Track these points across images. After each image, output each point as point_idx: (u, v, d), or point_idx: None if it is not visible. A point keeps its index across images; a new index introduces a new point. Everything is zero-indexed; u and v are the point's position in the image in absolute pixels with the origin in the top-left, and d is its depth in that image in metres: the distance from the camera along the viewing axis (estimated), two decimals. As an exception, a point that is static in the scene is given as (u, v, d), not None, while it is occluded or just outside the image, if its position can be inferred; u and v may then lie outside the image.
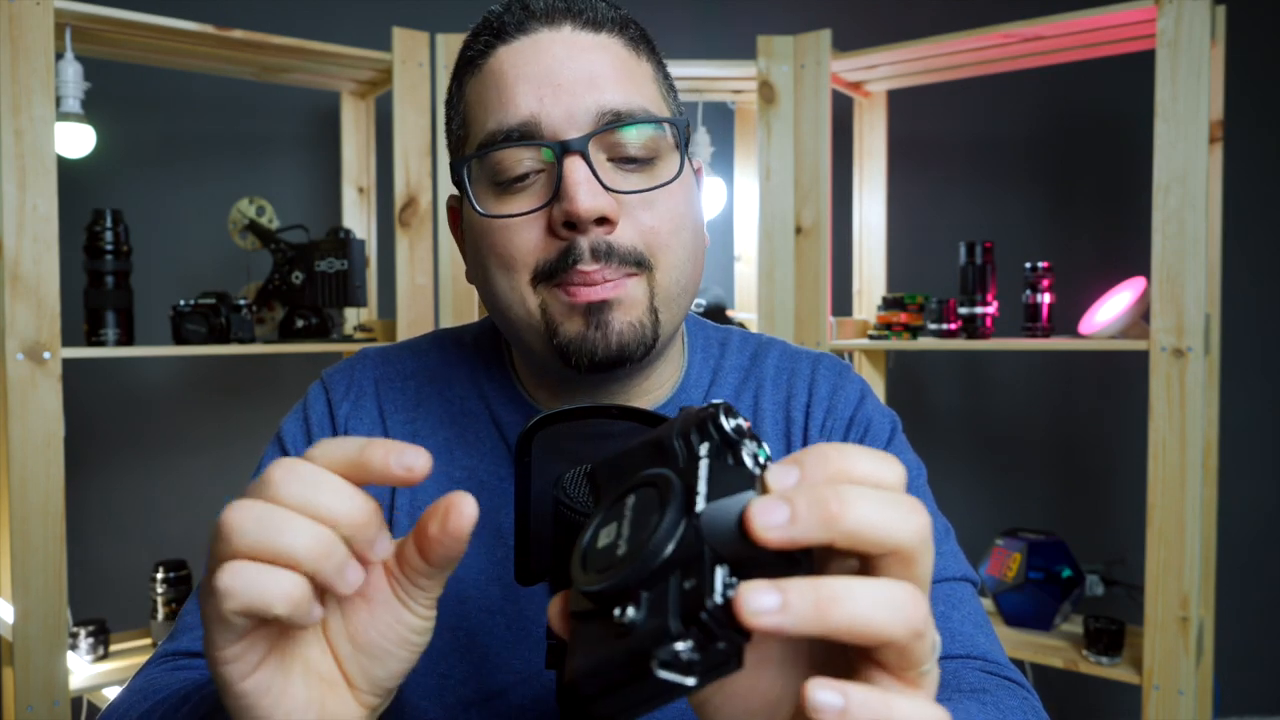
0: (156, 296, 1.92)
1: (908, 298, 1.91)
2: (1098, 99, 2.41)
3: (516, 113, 0.63)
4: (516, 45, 0.64)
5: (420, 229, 1.87)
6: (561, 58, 0.63)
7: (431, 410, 0.75)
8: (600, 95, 0.63)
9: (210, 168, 2.17)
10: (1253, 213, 2.36)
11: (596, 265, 0.62)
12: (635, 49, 0.67)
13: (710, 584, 0.32)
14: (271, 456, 0.77)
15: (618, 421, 0.56)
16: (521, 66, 0.64)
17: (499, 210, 0.64)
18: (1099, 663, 1.69)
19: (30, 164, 1.45)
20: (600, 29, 0.65)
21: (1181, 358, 1.55)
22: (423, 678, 0.69)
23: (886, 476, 0.34)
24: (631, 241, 0.63)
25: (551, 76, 0.63)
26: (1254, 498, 2.39)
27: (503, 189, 0.64)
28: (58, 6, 1.47)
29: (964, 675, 0.65)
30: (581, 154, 0.62)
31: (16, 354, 1.44)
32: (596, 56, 0.64)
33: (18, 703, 1.45)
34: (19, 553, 1.44)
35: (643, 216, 0.64)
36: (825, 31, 1.88)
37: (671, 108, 0.70)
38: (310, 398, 0.78)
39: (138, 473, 2.13)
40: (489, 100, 0.65)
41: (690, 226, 0.67)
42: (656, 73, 0.69)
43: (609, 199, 0.62)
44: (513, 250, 0.64)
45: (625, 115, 0.63)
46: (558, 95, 0.62)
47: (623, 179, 0.64)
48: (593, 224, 0.62)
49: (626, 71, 0.65)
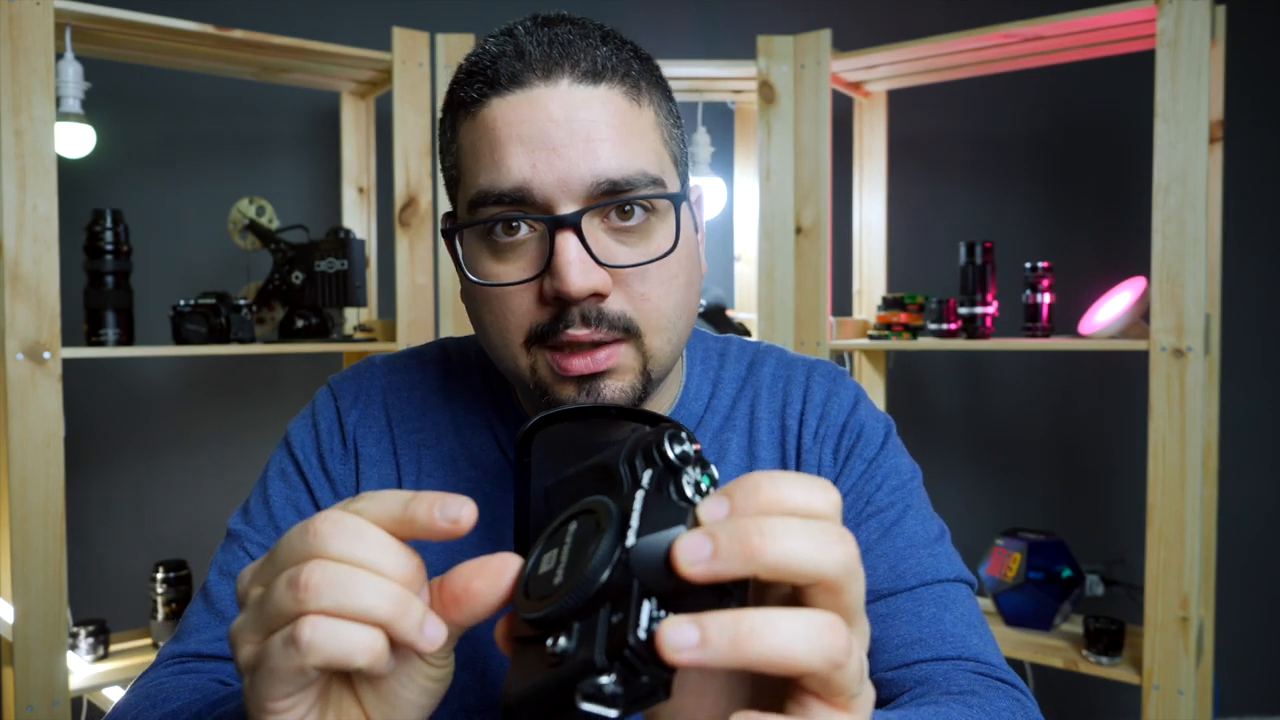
0: (156, 296, 1.92)
1: (908, 298, 1.91)
2: (1098, 99, 2.41)
3: (509, 176, 0.61)
4: (511, 99, 0.62)
5: (420, 229, 1.87)
6: (557, 118, 0.61)
7: (438, 420, 0.76)
8: (595, 163, 0.61)
9: (210, 168, 2.17)
10: (1253, 213, 2.36)
11: (586, 330, 0.62)
12: (636, 97, 0.64)
13: (635, 619, 0.33)
14: (279, 462, 0.77)
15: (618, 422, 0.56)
16: (515, 125, 0.61)
17: (491, 272, 0.64)
18: (1099, 663, 1.69)
19: (30, 164, 1.45)
20: (600, 80, 0.62)
21: (1181, 358, 1.55)
22: None
23: (819, 505, 0.35)
24: (622, 309, 0.63)
25: (546, 139, 0.60)
26: (1254, 498, 2.39)
27: (496, 248, 0.63)
28: (58, 6, 1.47)
29: (954, 678, 0.65)
30: (574, 228, 0.60)
31: (16, 354, 1.44)
32: (594, 115, 0.61)
33: (18, 703, 1.45)
34: (19, 553, 1.44)
35: (635, 285, 0.63)
36: (825, 31, 1.88)
37: (673, 151, 0.68)
38: (319, 404, 0.79)
39: (138, 473, 2.13)
40: (481, 154, 0.63)
41: (683, 285, 0.66)
42: (658, 114, 0.66)
43: (601, 275, 0.61)
44: (506, 314, 0.64)
45: (622, 184, 0.61)
46: (551, 162, 0.60)
47: (617, 248, 0.63)
48: (585, 298, 0.61)
49: (625, 129, 0.63)
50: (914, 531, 0.73)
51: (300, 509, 0.75)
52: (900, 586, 0.70)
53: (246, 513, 0.77)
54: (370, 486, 0.74)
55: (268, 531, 0.75)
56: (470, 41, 1.84)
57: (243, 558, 0.74)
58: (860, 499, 0.74)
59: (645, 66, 0.67)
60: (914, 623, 0.68)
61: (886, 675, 0.67)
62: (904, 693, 0.66)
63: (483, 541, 0.71)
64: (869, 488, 0.74)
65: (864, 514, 0.73)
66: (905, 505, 0.74)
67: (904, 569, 0.70)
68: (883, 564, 0.71)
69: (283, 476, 0.76)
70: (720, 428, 0.77)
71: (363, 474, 0.75)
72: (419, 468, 0.75)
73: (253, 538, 0.74)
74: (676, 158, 0.68)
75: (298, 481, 0.76)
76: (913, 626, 0.68)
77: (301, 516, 0.74)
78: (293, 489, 0.76)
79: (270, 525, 0.75)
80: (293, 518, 0.74)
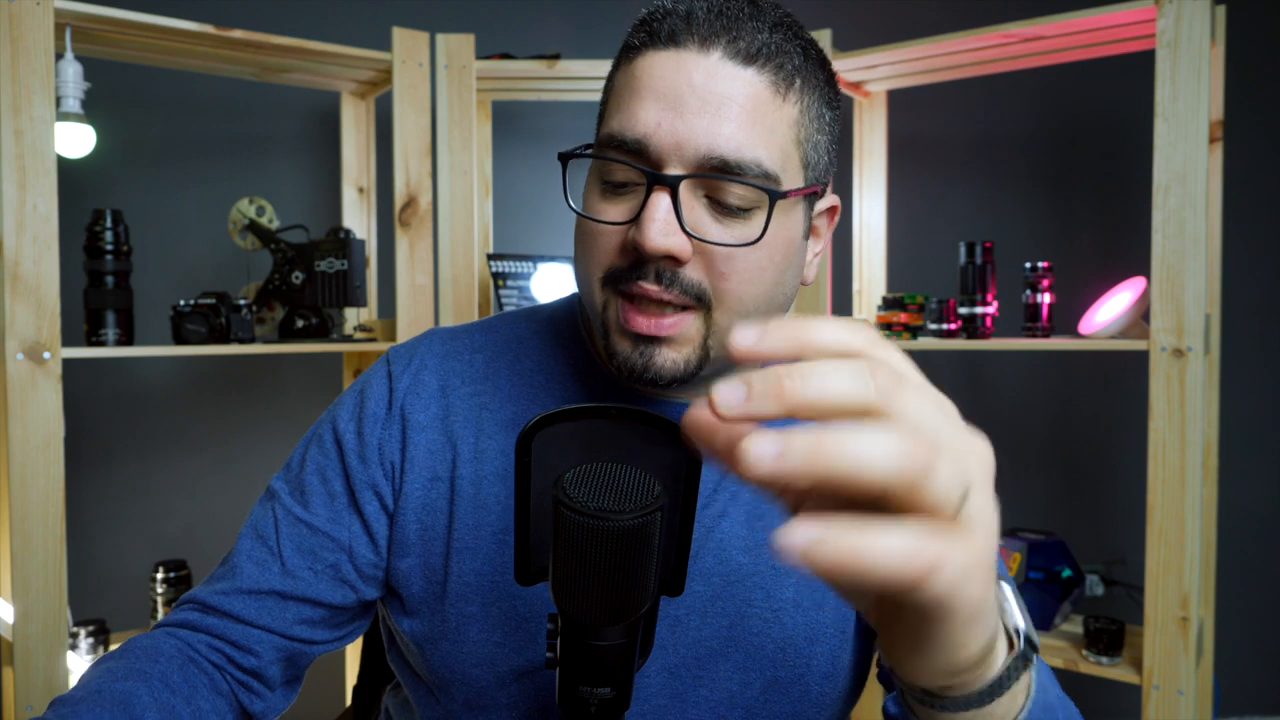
0: (156, 296, 1.92)
1: (908, 298, 1.91)
2: (1098, 99, 2.41)
3: (633, 127, 0.63)
4: (663, 55, 0.64)
5: (420, 229, 1.87)
6: (696, 84, 0.62)
7: (501, 384, 0.77)
8: (714, 137, 0.62)
9: (210, 168, 2.17)
10: (1253, 213, 2.36)
11: (657, 287, 0.64)
12: (783, 89, 0.64)
13: None
14: (320, 426, 0.79)
15: (618, 422, 0.56)
16: (657, 79, 0.63)
17: (595, 208, 0.67)
18: (1099, 663, 1.69)
19: (30, 164, 1.45)
20: (751, 63, 0.63)
21: (1181, 358, 1.55)
22: (477, 647, 0.72)
23: (851, 342, 0.35)
24: (698, 278, 0.64)
25: (679, 100, 0.62)
26: (1254, 498, 2.39)
27: (605, 187, 0.66)
28: (58, 6, 1.47)
29: None
30: (671, 190, 0.62)
31: (16, 354, 1.44)
32: (734, 92, 0.62)
33: (18, 703, 1.45)
34: (19, 553, 1.44)
35: (718, 263, 0.64)
36: (825, 32, 1.88)
37: (806, 154, 0.67)
38: (372, 370, 0.80)
39: (138, 473, 2.13)
40: (622, 98, 0.66)
41: (771, 280, 0.67)
42: (804, 114, 0.66)
43: (681, 240, 0.63)
44: (594, 249, 0.67)
45: (733, 165, 0.62)
46: (674, 123, 0.62)
47: (710, 223, 0.64)
48: (660, 258, 0.63)
49: (758, 116, 0.63)
50: None
51: (325, 475, 0.76)
52: None
53: (286, 471, 0.79)
54: (418, 453, 0.75)
55: (295, 493, 0.77)
56: (470, 42, 1.84)
57: (269, 517, 0.76)
58: None
59: (809, 64, 0.67)
60: None
61: None
62: None
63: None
64: None
65: None
66: None
67: None
68: None
69: (319, 441, 0.78)
70: None
71: (410, 440, 0.75)
72: (478, 429, 0.75)
73: (283, 499, 0.76)
74: (809, 162, 0.68)
75: (332, 448, 0.77)
76: None
77: (325, 484, 0.76)
78: (325, 455, 0.77)
79: (298, 487, 0.77)
80: (316, 484, 0.76)
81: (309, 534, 0.75)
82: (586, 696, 0.57)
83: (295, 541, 0.74)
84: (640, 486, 0.52)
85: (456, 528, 0.73)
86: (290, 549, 0.74)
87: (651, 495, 0.51)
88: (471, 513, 0.73)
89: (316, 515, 0.75)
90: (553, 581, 0.54)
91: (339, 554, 0.74)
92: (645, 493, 0.51)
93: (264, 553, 0.74)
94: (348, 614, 0.77)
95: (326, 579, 0.74)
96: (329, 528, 0.75)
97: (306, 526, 0.75)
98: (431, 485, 0.75)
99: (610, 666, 0.56)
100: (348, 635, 0.79)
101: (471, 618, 0.72)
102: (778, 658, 0.72)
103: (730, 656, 0.71)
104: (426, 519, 0.74)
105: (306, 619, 0.74)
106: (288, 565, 0.74)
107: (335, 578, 0.74)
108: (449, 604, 0.72)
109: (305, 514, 0.75)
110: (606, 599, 0.52)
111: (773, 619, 0.72)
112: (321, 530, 0.75)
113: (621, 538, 0.50)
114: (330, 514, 0.75)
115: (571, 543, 0.51)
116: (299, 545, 0.74)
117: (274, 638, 0.73)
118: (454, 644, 0.72)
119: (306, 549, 0.74)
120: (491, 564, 0.72)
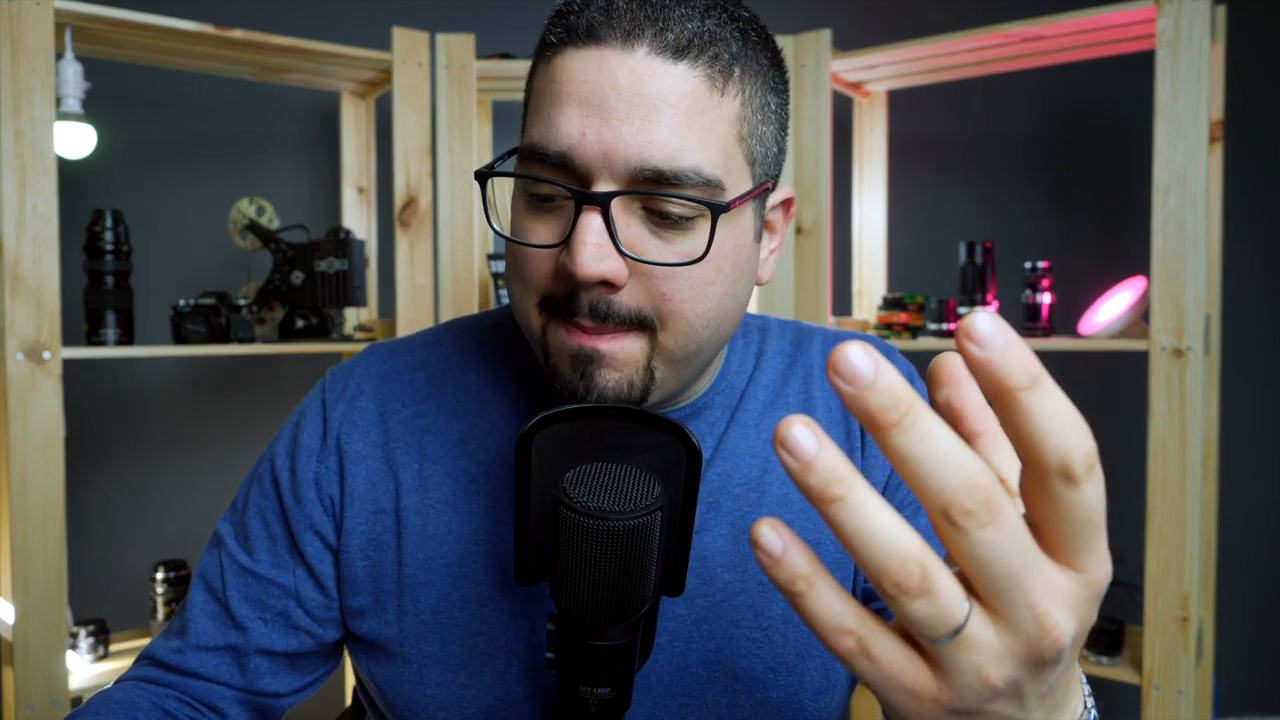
0: (156, 296, 1.92)
1: (908, 298, 1.91)
2: (1098, 99, 2.41)
3: (555, 139, 0.57)
4: (582, 54, 0.57)
5: (420, 229, 1.87)
6: (621, 87, 0.56)
7: (444, 402, 0.73)
8: (646, 146, 0.55)
9: (210, 168, 2.17)
10: (1253, 213, 2.36)
11: (593, 323, 0.59)
12: (720, 83, 0.58)
13: None
14: (260, 465, 0.76)
15: (618, 421, 0.56)
16: (578, 83, 0.57)
17: (523, 227, 0.61)
18: (1099, 663, 1.69)
19: (30, 164, 1.45)
20: (682, 57, 0.56)
21: (1181, 358, 1.55)
22: (441, 689, 0.69)
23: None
24: (637, 303, 0.59)
25: (604, 106, 0.56)
26: (1254, 498, 2.39)
27: (532, 201, 0.60)
28: (58, 6, 1.47)
29: None
30: (601, 208, 0.56)
31: (16, 354, 1.44)
32: (664, 92, 0.56)
33: (18, 703, 1.45)
34: (19, 553, 1.44)
35: (658, 283, 0.58)
36: (825, 31, 1.88)
37: (751, 150, 0.61)
38: (306, 402, 0.76)
39: (138, 473, 2.13)
40: (542, 104, 0.59)
41: (719, 294, 0.60)
42: (745, 106, 0.59)
43: (616, 263, 0.57)
44: (526, 273, 0.61)
45: (669, 176, 0.56)
46: (600, 132, 0.56)
47: (648, 240, 0.58)
48: (595, 284, 0.58)
49: (693, 117, 0.56)
50: None
51: (266, 518, 0.73)
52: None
53: (232, 513, 0.76)
54: (358, 485, 0.71)
55: (239, 539, 0.73)
56: (470, 42, 1.84)
57: (216, 567, 0.73)
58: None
59: (749, 48, 0.60)
60: None
61: None
62: None
63: (498, 525, 0.69)
64: None
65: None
66: None
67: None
68: (941, 553, 0.70)
69: (258, 481, 0.75)
70: (769, 403, 0.74)
71: (348, 471, 0.71)
72: (421, 455, 0.71)
73: (228, 545, 0.73)
74: (754, 157, 0.61)
75: (270, 488, 0.73)
76: None
77: (266, 527, 0.73)
78: (265, 496, 0.74)
79: (241, 533, 0.74)
80: (258, 527, 0.73)
81: (254, 582, 0.71)
82: (586, 697, 0.57)
83: (242, 591, 0.71)
84: (640, 486, 0.52)
85: (406, 562, 0.69)
86: (238, 599, 0.71)
87: (652, 495, 0.51)
88: (421, 545, 0.69)
89: (260, 561, 0.72)
90: (553, 581, 0.54)
91: (287, 600, 0.71)
92: (646, 493, 0.51)
93: (215, 606, 0.71)
94: (310, 658, 0.73)
95: (278, 627, 0.71)
96: (273, 574, 0.71)
97: (251, 575, 0.71)
98: (376, 519, 0.71)
99: (610, 667, 0.56)
100: (317, 680, 0.75)
101: (432, 658, 0.68)
102: (768, 678, 0.68)
103: (718, 681, 0.68)
104: (373, 555, 0.70)
105: (267, 670, 0.71)
106: (237, 618, 0.70)
107: (287, 625, 0.71)
108: (408, 644, 0.69)
109: (249, 561, 0.72)
110: (607, 599, 0.52)
111: (762, 639, 0.69)
112: (266, 578, 0.71)
113: (622, 538, 0.50)
114: (273, 559, 0.72)
115: (572, 543, 0.51)
116: (245, 595, 0.71)
117: (236, 693, 0.71)
118: (415, 687, 0.68)
119: (254, 598, 0.71)
120: (447, 599, 0.68)
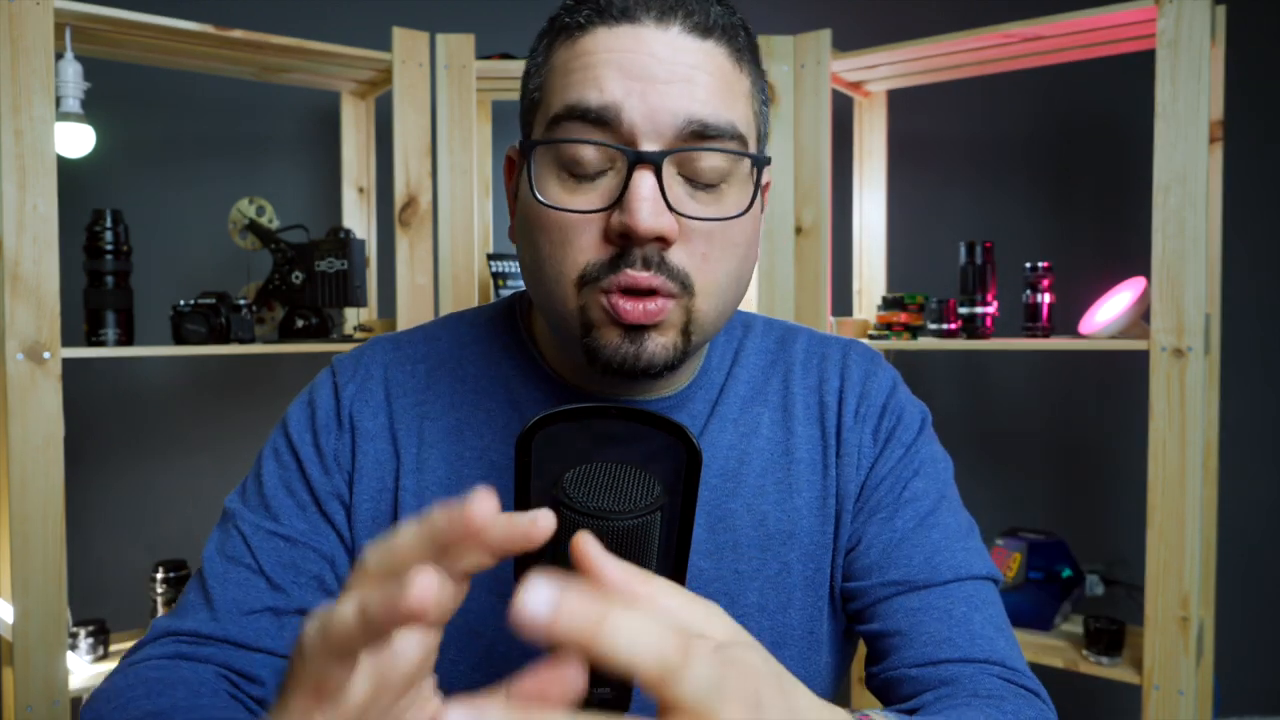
0: (156, 296, 1.92)
1: (908, 298, 1.91)
2: (1098, 99, 2.41)
3: (600, 95, 0.59)
4: (618, 30, 0.61)
5: (420, 229, 1.87)
6: (662, 57, 0.60)
7: (441, 393, 0.75)
8: (691, 103, 0.60)
9: (210, 168, 2.17)
10: (1253, 213, 2.36)
11: (646, 273, 0.61)
12: (738, 60, 0.64)
13: None
14: (275, 441, 0.77)
15: (617, 421, 0.56)
16: (619, 53, 0.60)
17: (560, 198, 0.62)
18: (1099, 663, 1.69)
19: (30, 164, 1.45)
20: (709, 35, 0.62)
21: (1181, 358, 1.55)
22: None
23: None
24: (683, 263, 0.62)
25: (646, 72, 0.60)
26: (1254, 498, 2.39)
27: (567, 176, 0.62)
28: (58, 6, 1.47)
29: (980, 681, 0.65)
30: (655, 167, 0.59)
31: (16, 354, 1.44)
32: (700, 60, 0.61)
33: (17, 703, 1.45)
34: (19, 553, 1.44)
35: (698, 242, 0.62)
36: (825, 31, 1.88)
37: (760, 126, 0.67)
38: (317, 382, 0.78)
39: (138, 473, 2.13)
40: (575, 74, 0.61)
41: (741, 256, 0.65)
42: (753, 87, 0.66)
43: (670, 219, 0.60)
44: (566, 246, 0.62)
45: (713, 129, 0.60)
46: (646, 92, 0.59)
47: (689, 200, 0.62)
48: (651, 240, 0.60)
49: (725, 85, 0.62)
50: (948, 523, 0.72)
51: (291, 488, 0.74)
52: (934, 580, 0.69)
53: (243, 491, 0.76)
54: (366, 462, 0.73)
55: (259, 510, 0.74)
56: (470, 42, 1.84)
57: (235, 537, 0.73)
58: (898, 484, 0.73)
59: (749, 40, 0.66)
60: (944, 621, 0.68)
61: (912, 671, 0.67)
62: (928, 690, 0.65)
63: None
64: (906, 473, 0.74)
65: (900, 499, 0.73)
66: (940, 495, 0.74)
67: (939, 561, 0.70)
68: (918, 554, 0.70)
69: (276, 456, 0.76)
70: (749, 399, 0.75)
71: (359, 449, 0.73)
72: (420, 439, 0.73)
73: (245, 516, 0.74)
74: (761, 134, 0.68)
75: (290, 461, 0.75)
76: (943, 625, 0.67)
77: (292, 496, 0.73)
78: (285, 469, 0.75)
79: (261, 504, 0.74)
80: (283, 497, 0.73)
81: (287, 547, 0.72)
82: (586, 697, 0.57)
83: (274, 556, 0.71)
84: (640, 486, 0.52)
85: None
86: (271, 563, 0.71)
87: (652, 495, 0.51)
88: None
89: (292, 527, 0.72)
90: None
91: (321, 564, 0.72)
92: (645, 493, 0.51)
93: (242, 573, 0.71)
94: None
95: (311, 590, 0.71)
96: (308, 539, 0.72)
97: (283, 539, 0.72)
98: (379, 496, 0.73)
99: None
100: None
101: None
102: None
103: None
104: (375, 532, 0.72)
105: None
106: (273, 580, 0.70)
107: (319, 589, 0.71)
108: None
109: (278, 527, 0.72)
110: (606, 599, 0.52)
111: None
112: (300, 541, 0.72)
113: (622, 538, 0.50)
114: (306, 525, 0.73)
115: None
116: (279, 559, 0.71)
117: (276, 661, 0.70)
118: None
119: (287, 562, 0.71)
120: None
